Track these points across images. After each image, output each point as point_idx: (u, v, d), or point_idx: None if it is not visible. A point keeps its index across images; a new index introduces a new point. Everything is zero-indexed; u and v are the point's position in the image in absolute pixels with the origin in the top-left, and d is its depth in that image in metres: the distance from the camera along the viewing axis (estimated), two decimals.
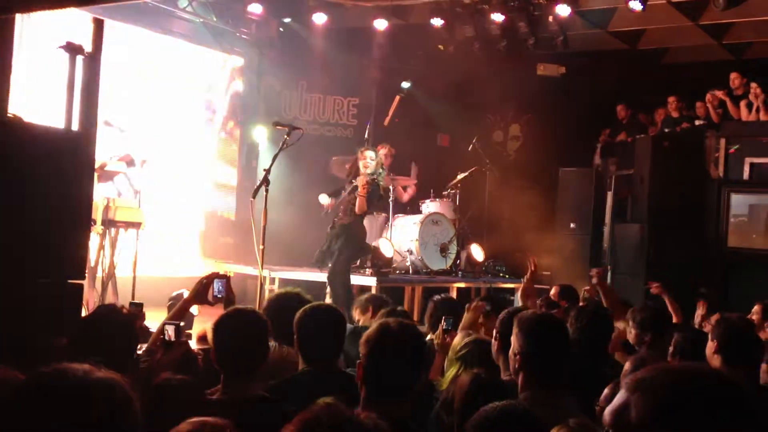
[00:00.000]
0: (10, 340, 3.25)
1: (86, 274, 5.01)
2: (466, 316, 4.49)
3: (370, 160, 7.87)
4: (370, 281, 8.33)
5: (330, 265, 7.75)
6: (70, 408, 1.53)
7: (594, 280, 5.79)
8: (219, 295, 3.75)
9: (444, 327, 4.14)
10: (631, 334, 4.60)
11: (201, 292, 3.76)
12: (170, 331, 3.25)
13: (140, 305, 4.14)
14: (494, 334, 3.58)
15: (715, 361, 3.72)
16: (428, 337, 4.21)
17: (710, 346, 3.79)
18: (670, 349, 3.99)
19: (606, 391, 3.26)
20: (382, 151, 9.95)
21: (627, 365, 3.32)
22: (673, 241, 9.87)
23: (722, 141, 10.33)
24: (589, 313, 4.41)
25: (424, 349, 2.86)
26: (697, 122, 10.93)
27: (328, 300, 7.89)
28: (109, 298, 6.76)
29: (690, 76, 11.51)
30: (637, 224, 10.26)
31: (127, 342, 3.18)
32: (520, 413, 2.20)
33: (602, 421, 1.47)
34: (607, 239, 10.80)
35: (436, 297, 5.25)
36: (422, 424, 3.21)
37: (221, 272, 3.99)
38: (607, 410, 1.45)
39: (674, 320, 5.57)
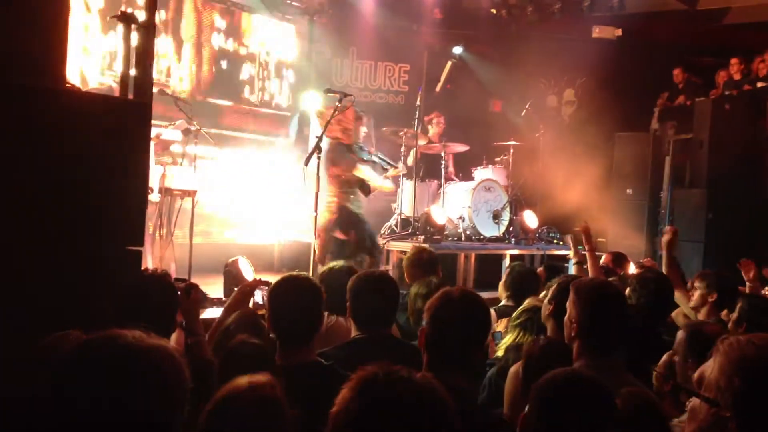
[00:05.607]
0: (71, 305, 3.33)
1: (145, 242, 5.11)
2: None
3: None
4: None
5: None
6: (123, 372, 1.56)
7: (666, 237, 5.39)
8: (261, 303, 3.67)
9: (495, 343, 4.12)
10: (695, 294, 4.50)
11: (242, 302, 3.68)
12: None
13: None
14: (548, 298, 3.55)
15: None
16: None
17: None
18: (734, 315, 3.89)
19: (665, 357, 3.21)
20: (435, 119, 9.88)
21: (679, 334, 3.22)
22: (733, 207, 9.63)
23: None
24: (653, 280, 4.32)
25: (487, 318, 2.82)
26: (759, 84, 10.59)
27: (381, 267, 7.92)
28: (167, 265, 6.89)
29: (751, 37, 11.14)
30: (696, 190, 10.02)
31: (170, 308, 3.22)
32: (589, 380, 2.15)
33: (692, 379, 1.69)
34: (664, 205, 10.58)
35: (514, 263, 5.33)
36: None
37: (263, 279, 3.87)
38: (700, 368, 1.65)
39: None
